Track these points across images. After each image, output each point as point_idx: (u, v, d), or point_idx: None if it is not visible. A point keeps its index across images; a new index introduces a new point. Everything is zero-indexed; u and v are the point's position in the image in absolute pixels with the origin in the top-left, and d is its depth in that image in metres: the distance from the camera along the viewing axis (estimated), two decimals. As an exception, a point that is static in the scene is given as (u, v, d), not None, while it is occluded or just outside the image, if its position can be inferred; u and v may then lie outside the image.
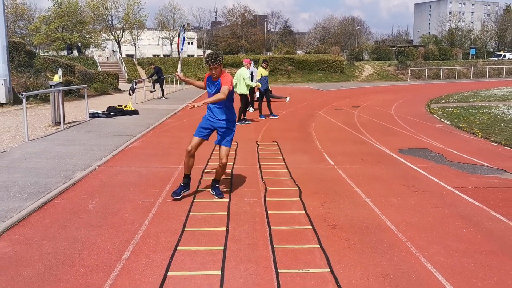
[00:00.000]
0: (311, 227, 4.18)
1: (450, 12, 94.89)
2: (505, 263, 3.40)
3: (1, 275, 3.19)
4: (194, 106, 4.46)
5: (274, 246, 3.73)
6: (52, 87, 10.34)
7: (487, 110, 14.04)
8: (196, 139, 4.93)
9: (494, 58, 53.39)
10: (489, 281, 3.12)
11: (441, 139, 9.09)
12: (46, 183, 5.44)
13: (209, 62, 4.69)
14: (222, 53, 4.93)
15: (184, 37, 5.72)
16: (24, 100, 8.46)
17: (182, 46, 5.61)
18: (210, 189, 5.24)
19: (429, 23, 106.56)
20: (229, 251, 3.63)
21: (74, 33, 43.08)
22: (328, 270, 3.30)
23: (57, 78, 10.92)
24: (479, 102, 17.49)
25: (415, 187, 5.53)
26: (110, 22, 50.58)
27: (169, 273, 3.25)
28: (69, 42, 41.58)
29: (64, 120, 10.11)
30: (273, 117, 12.80)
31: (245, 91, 11.33)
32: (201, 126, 5.00)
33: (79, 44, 42.06)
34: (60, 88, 10.38)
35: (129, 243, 3.78)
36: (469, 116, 12.44)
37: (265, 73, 12.87)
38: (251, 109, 14.05)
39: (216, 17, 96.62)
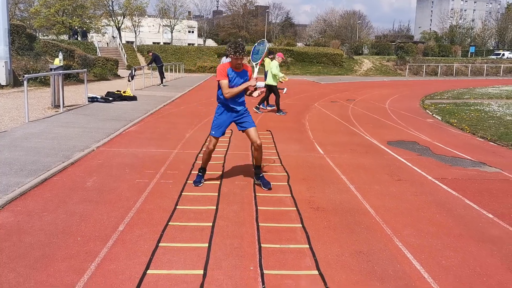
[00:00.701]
0: (295, 208, 4.46)
1: (452, 9, 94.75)
2: (470, 244, 3.69)
3: (5, 241, 3.46)
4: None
5: (260, 224, 4.01)
6: (53, 70, 10.55)
7: (478, 107, 14.31)
8: (214, 140, 5.01)
9: (493, 57, 53.59)
10: (453, 259, 3.41)
11: (430, 133, 9.36)
12: (46, 162, 5.69)
13: (239, 53, 4.59)
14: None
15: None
16: (25, 82, 8.68)
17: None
18: (254, 179, 5.21)
19: (431, 19, 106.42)
20: (217, 227, 3.90)
21: (74, 17, 43.00)
22: (307, 246, 3.58)
23: (58, 61, 11.13)
24: (472, 99, 17.76)
25: (398, 177, 5.81)
26: (110, 7, 50.44)
27: (160, 244, 3.52)
28: (76, 27, 41.47)
29: (63, 103, 10.33)
30: (269, 107, 13.03)
31: (271, 81, 11.87)
32: (219, 126, 5.01)
33: (84, 29, 41.93)
34: (60, 71, 10.59)
35: (124, 217, 4.05)
36: (460, 112, 12.71)
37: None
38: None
39: (217, 6, 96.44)
